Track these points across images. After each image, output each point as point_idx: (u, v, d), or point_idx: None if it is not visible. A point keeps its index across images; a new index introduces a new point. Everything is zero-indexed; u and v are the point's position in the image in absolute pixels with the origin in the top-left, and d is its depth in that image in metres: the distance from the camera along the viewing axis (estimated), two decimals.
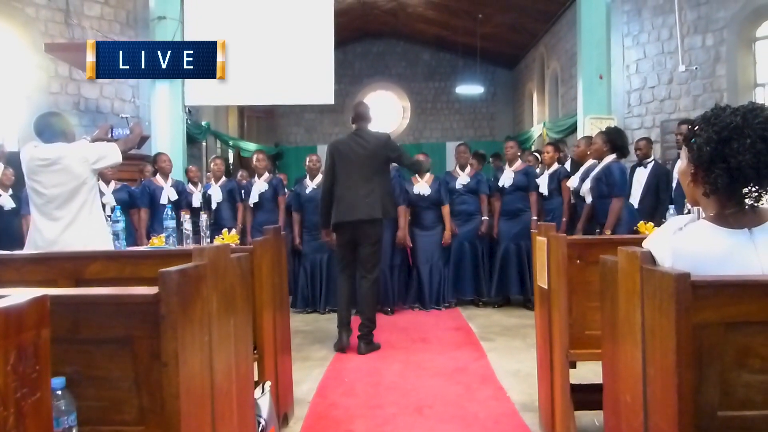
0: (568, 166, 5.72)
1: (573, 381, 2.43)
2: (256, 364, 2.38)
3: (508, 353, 4.06)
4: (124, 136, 3.57)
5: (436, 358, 3.99)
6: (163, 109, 7.04)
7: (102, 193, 5.29)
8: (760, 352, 1.17)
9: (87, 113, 7.84)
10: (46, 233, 3.11)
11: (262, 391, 2.21)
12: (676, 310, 1.15)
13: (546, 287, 2.52)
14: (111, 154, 3.28)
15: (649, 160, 5.62)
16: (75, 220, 3.13)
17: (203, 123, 10.00)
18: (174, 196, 5.62)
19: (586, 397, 2.36)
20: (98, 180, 3.53)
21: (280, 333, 2.80)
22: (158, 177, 5.72)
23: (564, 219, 5.23)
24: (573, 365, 2.43)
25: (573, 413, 2.38)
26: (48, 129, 3.21)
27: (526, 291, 5.55)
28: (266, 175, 5.91)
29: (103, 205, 5.08)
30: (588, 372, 2.52)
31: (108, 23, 7.97)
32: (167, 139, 6.97)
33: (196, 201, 5.98)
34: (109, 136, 3.53)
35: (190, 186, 6.12)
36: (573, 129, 8.81)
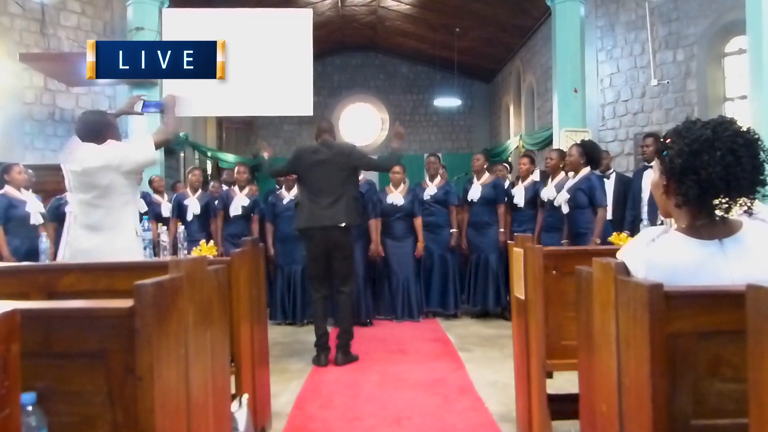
0: (536, 176, 5.78)
1: (550, 391, 2.45)
2: (233, 377, 2.35)
3: (485, 364, 4.07)
4: (155, 106, 3.21)
5: (414, 369, 3.99)
6: (141, 120, 6.96)
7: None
8: (731, 361, 1.18)
9: (62, 124, 7.73)
10: (82, 242, 2.95)
11: (240, 404, 2.18)
12: (649, 320, 1.17)
13: (523, 298, 2.54)
14: (139, 152, 2.98)
15: (609, 171, 5.78)
16: (100, 229, 2.94)
17: (181, 134, 9.92)
18: (144, 208, 5.54)
19: (563, 406, 2.38)
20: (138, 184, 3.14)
21: (257, 345, 2.77)
22: None
23: (537, 229, 5.27)
24: (550, 375, 2.45)
25: (550, 423, 2.40)
26: (81, 128, 3.02)
27: (500, 302, 5.59)
28: (247, 188, 5.88)
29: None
30: (565, 382, 2.54)
31: (85, 33, 7.90)
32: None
33: (165, 211, 5.90)
34: (139, 110, 3.23)
35: (156, 196, 6.03)
36: (549, 141, 8.94)
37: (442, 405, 3.24)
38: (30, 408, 1.00)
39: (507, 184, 6.04)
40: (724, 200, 1.35)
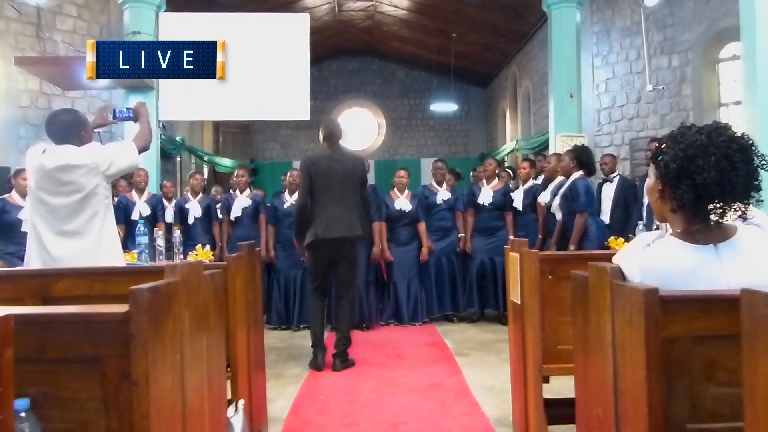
0: (539, 180, 5.79)
1: (546, 395, 2.44)
2: (229, 382, 2.34)
3: (482, 368, 4.07)
4: (126, 118, 3.16)
5: (410, 374, 3.98)
6: (137, 124, 6.93)
7: None
8: (726, 365, 1.19)
9: None
10: (53, 249, 2.81)
11: (236, 410, 2.17)
12: (645, 325, 1.17)
13: (519, 302, 2.54)
14: (125, 156, 2.95)
15: (614, 174, 5.76)
16: (85, 232, 2.82)
17: (178, 138, 9.91)
18: (146, 212, 5.55)
19: (560, 411, 2.38)
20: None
21: (253, 350, 2.77)
22: (133, 192, 5.66)
23: (539, 236, 5.28)
24: (546, 380, 2.45)
25: (547, 427, 2.40)
26: (58, 129, 2.88)
27: (500, 306, 5.58)
28: (248, 191, 5.90)
29: None
30: (561, 386, 2.54)
31: (81, 37, 7.87)
32: (141, 154, 6.87)
33: (169, 216, 5.92)
34: (111, 119, 3.20)
35: (164, 201, 6.07)
36: (545, 146, 8.96)
37: (439, 410, 3.24)
38: (23, 414, 0.99)
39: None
40: (718, 205, 1.35)
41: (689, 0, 7.86)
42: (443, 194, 5.80)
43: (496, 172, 5.87)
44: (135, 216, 5.46)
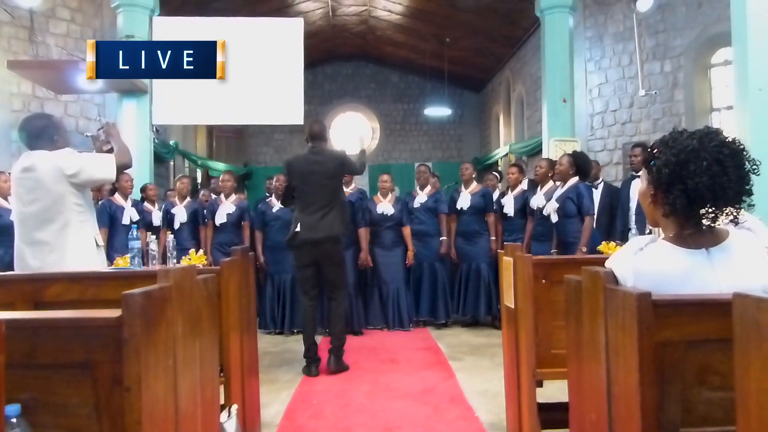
0: (524, 185, 5.80)
1: (540, 400, 2.45)
2: (222, 387, 2.33)
3: (476, 373, 4.07)
4: (101, 136, 3.07)
5: (404, 378, 3.97)
6: (130, 127, 6.92)
7: None
8: (719, 369, 1.19)
9: None
10: (29, 260, 2.75)
11: (229, 415, 2.16)
12: (638, 329, 1.17)
13: (513, 307, 2.55)
14: (100, 167, 2.89)
15: (599, 181, 5.82)
16: (56, 244, 2.75)
17: (171, 142, 9.89)
18: (136, 217, 5.51)
19: (553, 415, 2.38)
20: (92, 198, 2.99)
21: (247, 355, 2.76)
22: (117, 196, 5.59)
23: (526, 238, 5.28)
24: (540, 384, 2.45)
25: None
26: (29, 134, 2.84)
27: (490, 311, 5.59)
28: (233, 196, 5.84)
29: None
30: (555, 391, 2.54)
31: (74, 41, 7.85)
32: (134, 158, 6.85)
33: (156, 220, 5.87)
34: (96, 131, 3.13)
35: (147, 205, 6.01)
36: (538, 151, 9.00)
37: (433, 415, 3.23)
38: (14, 420, 0.99)
39: (497, 193, 6.06)
40: (710, 210, 1.36)
41: (681, 6, 7.93)
42: (420, 197, 5.81)
43: (473, 176, 5.89)
44: (125, 221, 5.41)
